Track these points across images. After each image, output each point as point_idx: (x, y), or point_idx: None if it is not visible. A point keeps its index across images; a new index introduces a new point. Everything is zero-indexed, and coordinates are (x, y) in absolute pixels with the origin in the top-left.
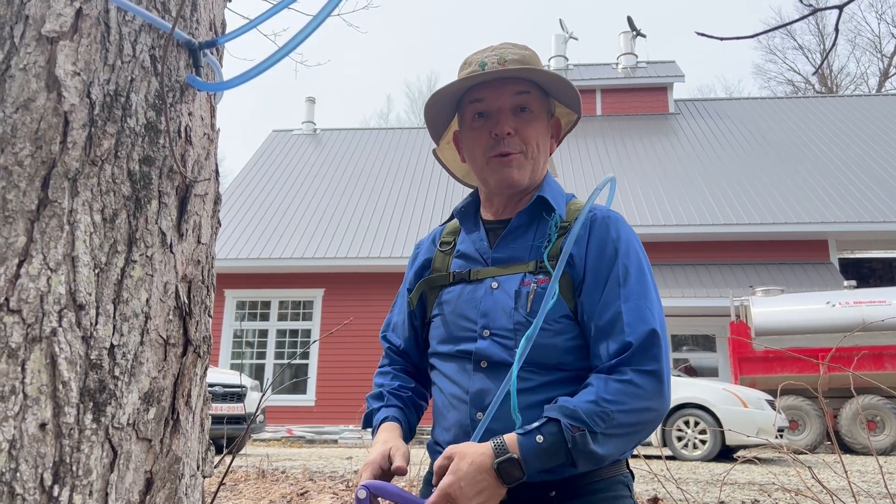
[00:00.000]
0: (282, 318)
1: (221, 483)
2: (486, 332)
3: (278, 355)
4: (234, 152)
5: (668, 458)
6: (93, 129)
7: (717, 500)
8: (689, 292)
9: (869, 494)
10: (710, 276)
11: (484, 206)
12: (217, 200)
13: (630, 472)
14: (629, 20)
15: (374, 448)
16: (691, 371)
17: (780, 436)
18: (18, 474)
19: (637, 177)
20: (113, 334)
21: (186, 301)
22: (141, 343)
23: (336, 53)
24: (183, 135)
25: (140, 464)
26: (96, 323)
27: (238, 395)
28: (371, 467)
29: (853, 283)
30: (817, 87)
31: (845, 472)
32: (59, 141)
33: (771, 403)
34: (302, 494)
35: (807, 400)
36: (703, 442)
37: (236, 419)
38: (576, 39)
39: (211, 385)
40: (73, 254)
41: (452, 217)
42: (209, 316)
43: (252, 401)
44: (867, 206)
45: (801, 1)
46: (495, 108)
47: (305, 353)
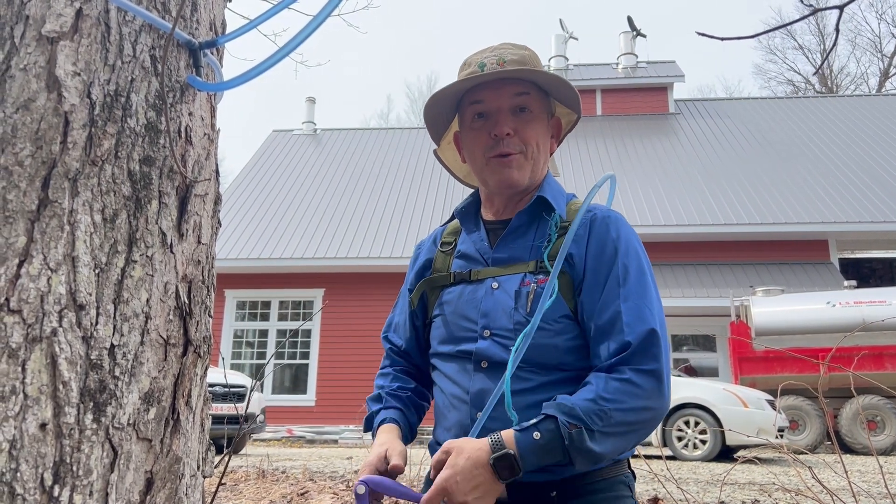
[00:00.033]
0: (282, 318)
1: (221, 483)
2: (487, 333)
3: (278, 355)
4: (235, 152)
5: (669, 458)
6: (93, 129)
7: (718, 500)
8: (689, 292)
9: (869, 494)
10: (711, 276)
11: (484, 206)
12: (217, 200)
13: (632, 472)
14: (629, 20)
15: (372, 450)
16: (691, 371)
17: (781, 436)
18: (19, 474)
19: (637, 177)
20: (113, 334)
21: (187, 301)
22: (141, 343)
23: (336, 53)
24: (183, 135)
25: (140, 464)
26: (96, 323)
27: (238, 395)
28: (368, 469)
29: (853, 283)
30: (817, 87)
31: (845, 472)
32: (59, 141)
33: (771, 403)
34: (302, 494)
35: (807, 400)
36: (703, 442)
37: (236, 419)
38: (576, 39)
39: (211, 385)
40: (73, 254)
41: (453, 217)
42: (209, 316)
43: (252, 401)
44: (867, 206)
45: (802, 1)
46: (494, 109)
47: (305, 353)
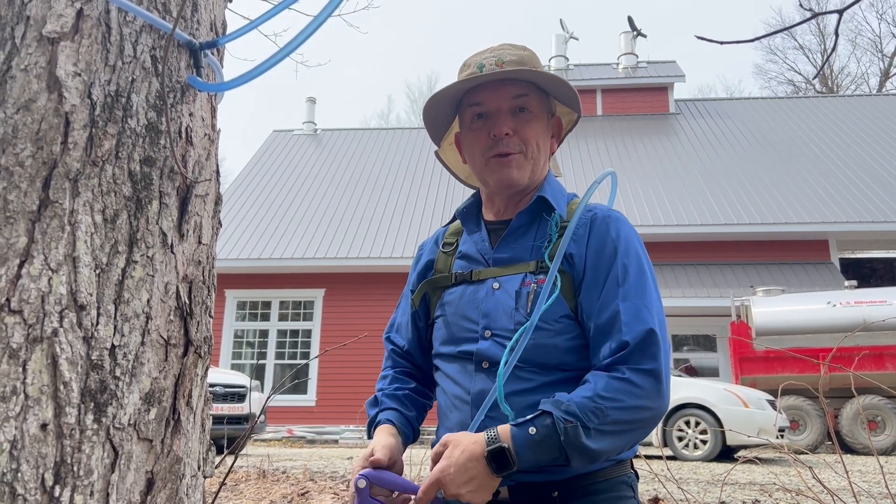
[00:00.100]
0: (282, 318)
1: (222, 483)
2: (488, 333)
3: (279, 356)
4: (235, 152)
5: (669, 458)
6: (94, 129)
7: (718, 500)
8: (689, 292)
9: (870, 494)
10: (711, 276)
11: (485, 206)
12: (218, 201)
13: (634, 472)
14: (630, 20)
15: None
16: (692, 371)
17: (781, 436)
18: (20, 475)
19: (637, 177)
20: (114, 335)
21: (187, 301)
22: (142, 343)
23: (336, 54)
24: (184, 135)
25: (141, 464)
26: (97, 323)
27: (239, 396)
28: (357, 471)
29: (854, 283)
30: (818, 88)
31: (846, 472)
32: (60, 141)
33: (772, 403)
34: (303, 494)
35: (808, 400)
36: (703, 442)
37: (237, 419)
38: (576, 39)
39: (212, 385)
40: (74, 254)
41: (455, 218)
42: (210, 316)
43: (253, 401)
44: (868, 206)
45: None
46: (494, 110)
47: (306, 354)
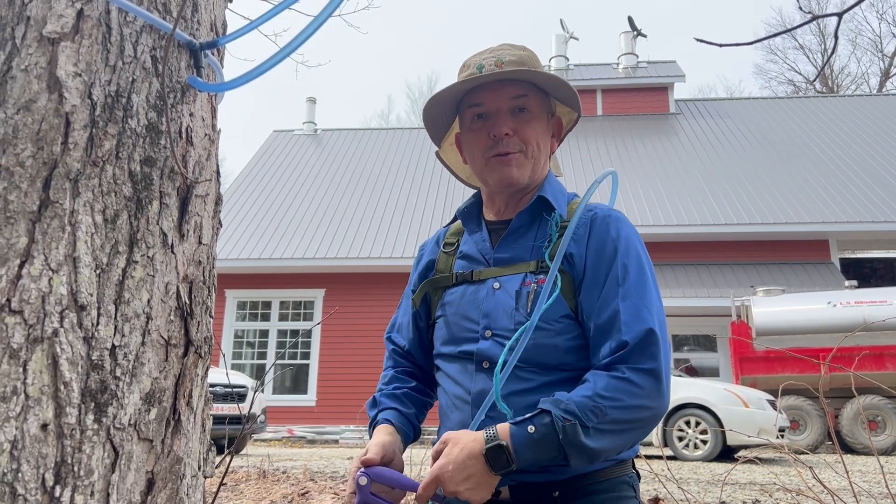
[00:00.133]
0: (283, 318)
1: (222, 483)
2: (488, 333)
3: (279, 356)
4: (235, 153)
5: (670, 458)
6: (94, 129)
7: (719, 500)
8: (689, 292)
9: (870, 494)
10: (711, 276)
11: (486, 206)
12: (218, 201)
13: (636, 472)
14: (630, 20)
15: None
16: (692, 371)
17: (782, 436)
18: (20, 475)
19: (638, 177)
20: (114, 335)
21: (188, 301)
22: (142, 343)
23: (337, 54)
24: (184, 135)
25: (141, 464)
26: (98, 323)
27: (239, 396)
28: (354, 471)
29: (854, 282)
30: (818, 88)
31: (846, 472)
32: (60, 142)
33: (772, 403)
34: (303, 494)
35: (808, 400)
36: (704, 442)
37: (237, 419)
38: (576, 39)
39: (212, 385)
40: (74, 254)
41: (456, 218)
42: (210, 316)
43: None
44: (868, 205)
45: (801, 8)
46: (493, 110)
47: (306, 353)
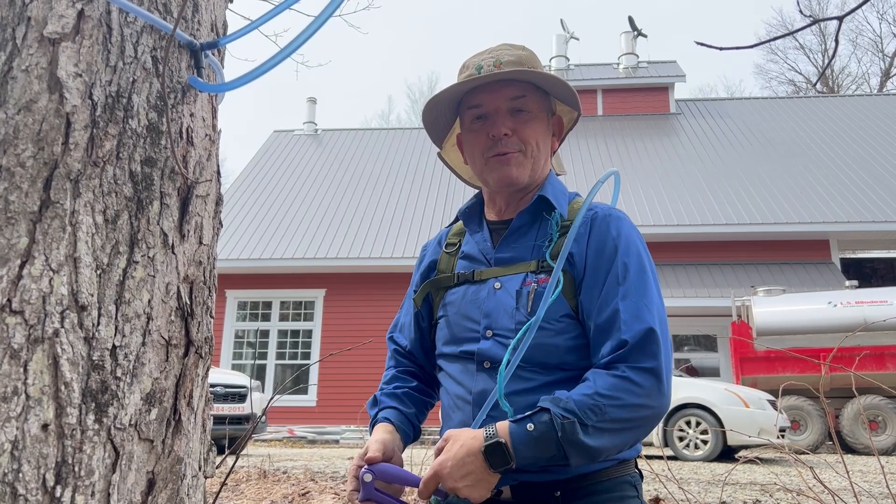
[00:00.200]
0: (283, 318)
1: (223, 483)
2: (489, 333)
3: (279, 356)
4: (236, 153)
5: (670, 458)
6: (95, 130)
7: (719, 500)
8: (690, 292)
9: (871, 494)
10: (712, 276)
11: (487, 206)
12: (219, 201)
13: (639, 472)
14: (630, 20)
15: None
16: (693, 371)
17: (782, 436)
18: (21, 475)
19: (638, 177)
20: (115, 335)
21: (188, 302)
22: (143, 344)
23: (337, 54)
24: (184, 136)
25: (142, 464)
26: (98, 324)
27: (240, 396)
28: (353, 470)
29: (855, 282)
30: (819, 88)
31: (847, 473)
32: (61, 142)
33: (772, 403)
34: (304, 495)
35: (808, 400)
36: (704, 442)
37: (238, 419)
38: (577, 39)
39: (212, 385)
40: (75, 255)
41: (458, 219)
42: (211, 317)
43: (254, 401)
44: (868, 205)
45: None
46: (493, 111)
47: (307, 354)
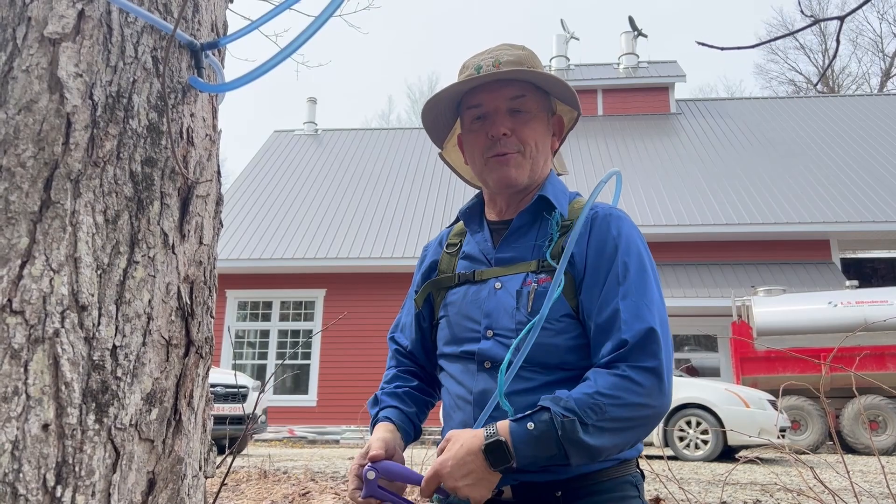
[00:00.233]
0: (283, 318)
1: (223, 483)
2: (490, 333)
3: (280, 356)
4: (236, 153)
5: (670, 458)
6: (95, 130)
7: (719, 500)
8: (690, 292)
9: (871, 494)
10: (712, 276)
11: (488, 206)
12: (219, 201)
13: (640, 472)
14: (630, 20)
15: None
16: (693, 371)
17: (782, 436)
18: (21, 475)
19: (638, 177)
20: (115, 335)
21: (188, 302)
22: (143, 344)
23: (337, 54)
24: (185, 136)
25: (142, 464)
26: (99, 324)
27: (241, 396)
28: (354, 469)
29: (855, 282)
30: (819, 88)
31: (847, 473)
32: (61, 142)
33: (773, 403)
34: (304, 495)
35: (809, 400)
36: (704, 442)
37: (238, 419)
38: (577, 39)
39: (213, 385)
40: (75, 255)
41: (458, 219)
42: (211, 317)
43: (254, 401)
44: (869, 205)
45: (803, 12)
46: (492, 110)
47: (307, 354)
